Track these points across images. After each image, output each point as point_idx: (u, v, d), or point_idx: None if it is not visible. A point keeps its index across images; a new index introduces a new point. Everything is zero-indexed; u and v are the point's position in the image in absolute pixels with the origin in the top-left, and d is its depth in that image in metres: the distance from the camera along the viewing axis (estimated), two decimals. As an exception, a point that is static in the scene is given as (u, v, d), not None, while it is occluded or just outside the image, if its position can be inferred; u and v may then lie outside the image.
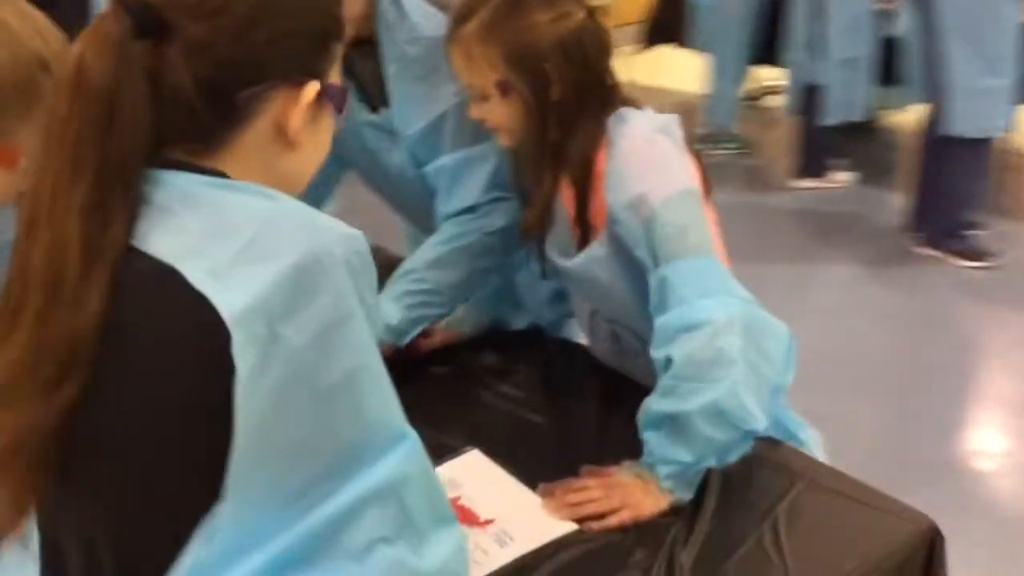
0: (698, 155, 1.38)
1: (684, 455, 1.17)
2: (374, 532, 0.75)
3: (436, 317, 1.51)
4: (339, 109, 0.87)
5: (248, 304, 0.70)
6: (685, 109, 4.82)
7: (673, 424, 1.17)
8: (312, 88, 0.81)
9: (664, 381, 1.19)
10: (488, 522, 1.20)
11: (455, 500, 1.23)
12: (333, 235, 0.76)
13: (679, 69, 5.11)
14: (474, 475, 1.29)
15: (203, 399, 0.71)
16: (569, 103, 1.28)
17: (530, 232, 1.40)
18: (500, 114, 1.30)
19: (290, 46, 0.80)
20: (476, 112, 1.32)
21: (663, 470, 1.18)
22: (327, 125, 0.87)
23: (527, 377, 1.50)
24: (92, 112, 0.72)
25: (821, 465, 1.28)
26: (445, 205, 1.50)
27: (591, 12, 1.31)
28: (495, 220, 1.47)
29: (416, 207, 1.64)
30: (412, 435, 0.80)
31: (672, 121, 1.33)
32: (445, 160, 1.47)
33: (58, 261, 0.71)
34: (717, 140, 4.49)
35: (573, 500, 1.21)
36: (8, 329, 0.72)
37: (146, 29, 0.73)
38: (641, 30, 4.98)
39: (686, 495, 1.19)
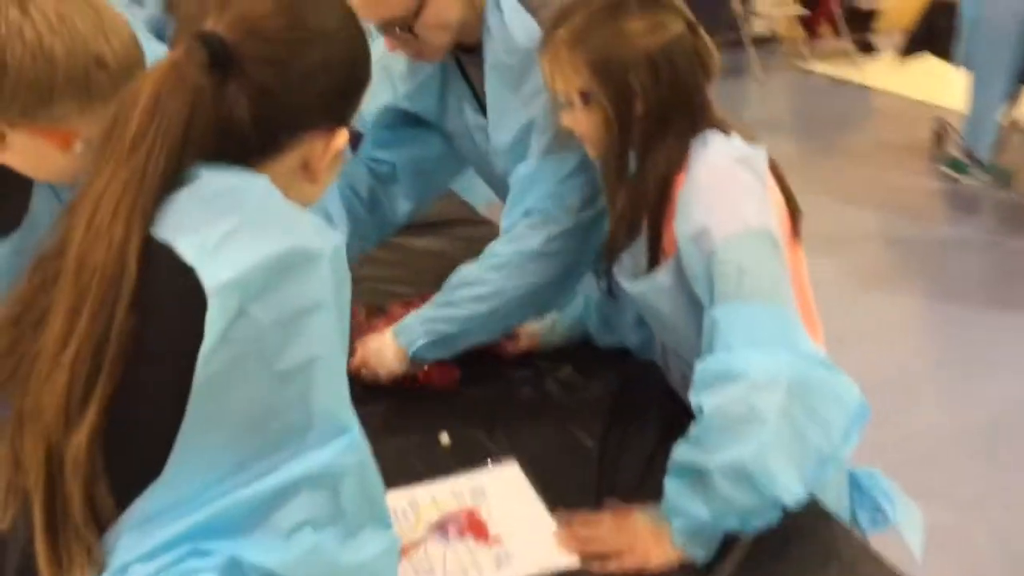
0: (788, 193, 1.28)
1: (701, 511, 1.10)
2: (303, 515, 0.78)
3: (451, 335, 1.47)
4: (354, 149, 0.97)
5: (229, 279, 0.75)
6: (940, 126, 4.48)
7: (694, 477, 1.10)
8: (342, 136, 0.92)
9: (694, 430, 1.12)
10: (494, 539, 1.18)
11: (473, 512, 1.22)
12: (323, 236, 0.81)
13: (942, 82, 4.71)
14: (502, 488, 1.27)
15: (181, 364, 0.75)
16: (652, 120, 1.22)
17: (608, 248, 1.34)
18: (583, 123, 1.26)
19: (332, 99, 0.90)
20: (564, 120, 1.28)
21: (677, 522, 1.12)
22: (338, 164, 0.96)
23: (594, 397, 1.46)
24: (166, 135, 0.79)
25: (868, 551, 1.15)
26: (512, 209, 1.47)
27: (692, 26, 1.23)
28: (558, 227, 1.43)
29: None
30: (355, 431, 0.82)
31: (757, 153, 1.23)
32: (521, 167, 1.45)
33: (121, 260, 0.76)
34: (970, 167, 4.10)
35: (581, 533, 1.16)
36: (63, 332, 0.76)
37: (219, 65, 0.82)
38: (905, 38, 4.64)
39: (699, 554, 1.12)
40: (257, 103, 0.84)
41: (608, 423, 1.40)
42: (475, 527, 1.20)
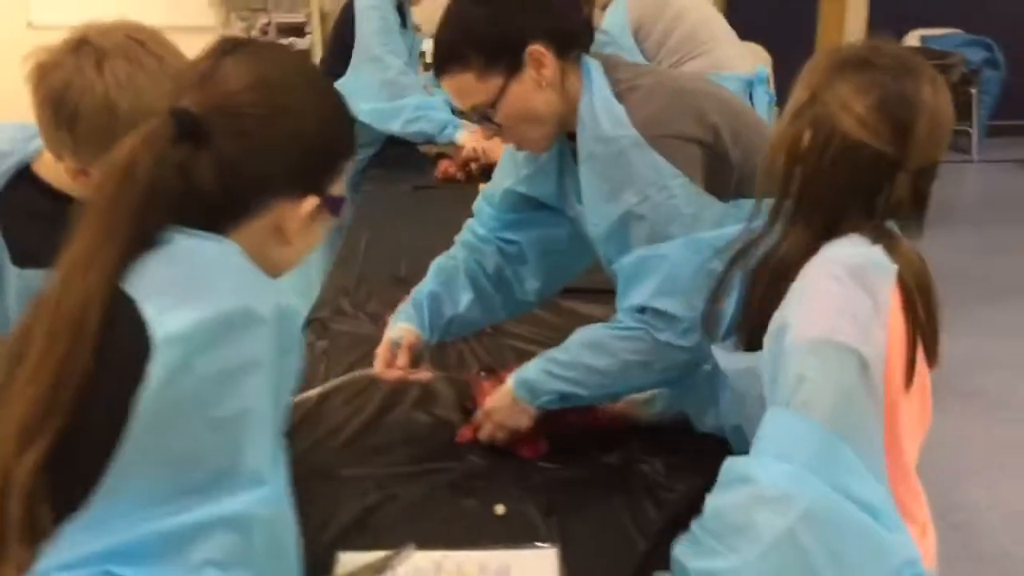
0: (920, 324, 1.12)
1: None
2: (211, 554, 0.83)
3: (573, 395, 1.46)
4: (335, 214, 1.04)
5: (174, 333, 0.83)
6: None
7: (678, 573, 1.05)
8: (310, 203, 0.99)
9: (694, 526, 1.06)
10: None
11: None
12: (269, 300, 0.88)
13: None
14: (528, 572, 1.24)
15: (127, 405, 0.82)
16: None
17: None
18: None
19: (298, 168, 0.98)
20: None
21: None
22: (320, 228, 1.04)
23: (668, 496, 1.39)
24: (133, 195, 0.89)
25: None
26: (621, 300, 1.45)
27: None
28: (661, 327, 1.39)
29: None
30: (273, 487, 0.87)
31: (882, 269, 1.10)
32: (624, 259, 1.42)
33: (84, 310, 0.86)
34: None
35: None
36: (33, 369, 0.86)
37: (187, 135, 0.91)
38: None
39: None
40: (223, 172, 0.92)
41: (667, 526, 1.31)
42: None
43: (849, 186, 1.14)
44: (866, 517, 0.99)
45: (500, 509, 1.36)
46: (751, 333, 1.20)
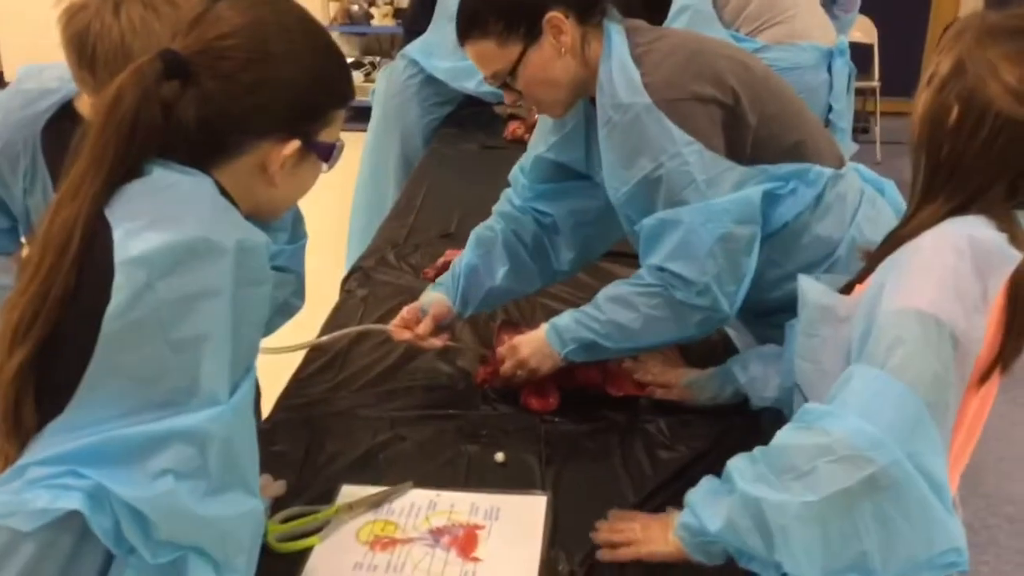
0: (1016, 325, 1.06)
1: (709, 520, 1.08)
2: (170, 463, 0.90)
3: (598, 346, 1.50)
4: (325, 160, 1.10)
5: (136, 256, 0.90)
6: None
7: (725, 488, 1.09)
8: (291, 146, 1.04)
9: (757, 449, 1.07)
10: (473, 559, 1.21)
11: (474, 530, 1.25)
12: (234, 233, 0.94)
13: None
14: (517, 516, 1.29)
15: (97, 321, 0.90)
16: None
17: None
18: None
19: (278, 111, 1.04)
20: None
21: (686, 517, 1.13)
22: (309, 173, 1.10)
23: (667, 456, 1.42)
24: (118, 128, 0.96)
25: None
26: (643, 259, 1.48)
27: None
28: (677, 286, 1.43)
29: None
30: (226, 406, 0.94)
31: (1005, 257, 1.04)
32: (644, 221, 1.44)
33: (70, 231, 0.94)
34: None
35: (616, 526, 1.25)
36: (27, 281, 0.96)
37: (172, 74, 0.99)
38: None
39: (697, 557, 1.13)
40: (204, 110, 0.99)
41: (660, 485, 1.35)
42: (466, 544, 1.24)
43: (999, 164, 1.08)
44: (931, 495, 0.98)
45: (500, 456, 1.41)
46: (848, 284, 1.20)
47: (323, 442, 1.45)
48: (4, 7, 6.56)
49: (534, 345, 1.54)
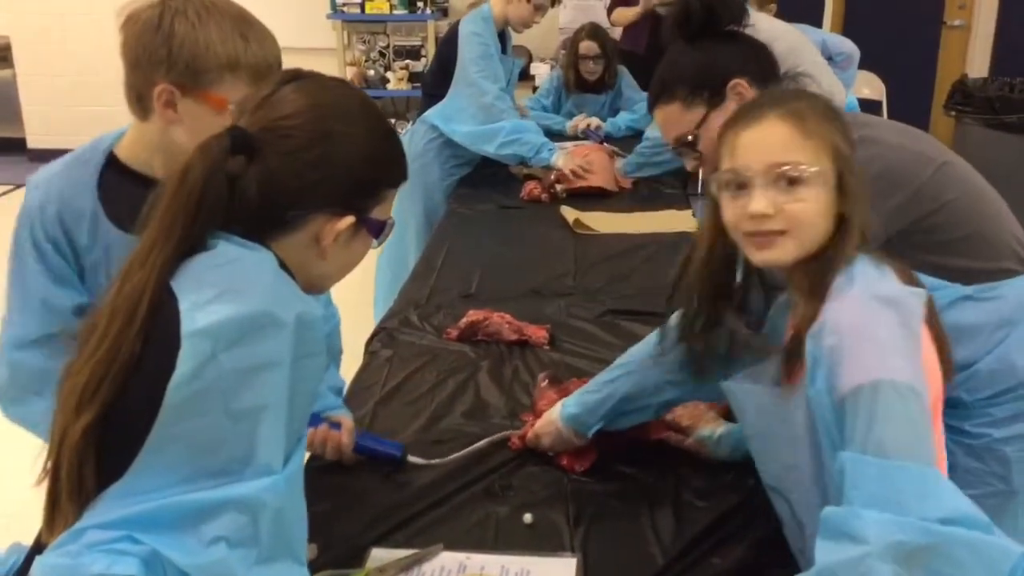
0: (944, 346, 1.16)
1: None
2: (222, 531, 0.92)
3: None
4: (376, 236, 1.15)
5: (202, 327, 0.94)
6: None
7: None
8: (346, 221, 1.09)
9: None
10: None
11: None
12: (294, 307, 0.98)
13: None
14: (546, 578, 1.28)
15: (162, 389, 0.93)
16: None
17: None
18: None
19: (336, 188, 1.09)
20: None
21: None
22: (359, 248, 1.15)
23: (695, 515, 1.41)
24: (187, 199, 1.01)
25: None
26: None
27: None
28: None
29: None
30: (280, 476, 0.96)
31: (912, 296, 1.12)
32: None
33: (138, 299, 0.98)
34: None
35: None
36: (94, 347, 0.99)
37: (239, 149, 1.04)
38: None
39: None
40: (265, 184, 1.04)
41: (689, 546, 1.34)
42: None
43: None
44: (972, 534, 0.98)
45: (528, 518, 1.41)
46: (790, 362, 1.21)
47: (356, 504, 1.45)
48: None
49: (552, 434, 1.56)
